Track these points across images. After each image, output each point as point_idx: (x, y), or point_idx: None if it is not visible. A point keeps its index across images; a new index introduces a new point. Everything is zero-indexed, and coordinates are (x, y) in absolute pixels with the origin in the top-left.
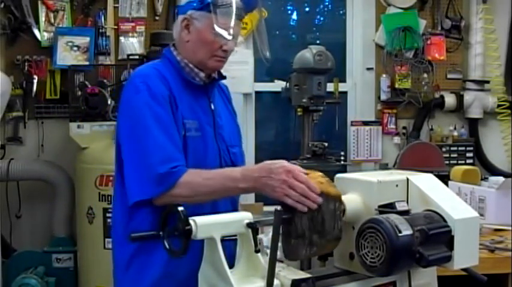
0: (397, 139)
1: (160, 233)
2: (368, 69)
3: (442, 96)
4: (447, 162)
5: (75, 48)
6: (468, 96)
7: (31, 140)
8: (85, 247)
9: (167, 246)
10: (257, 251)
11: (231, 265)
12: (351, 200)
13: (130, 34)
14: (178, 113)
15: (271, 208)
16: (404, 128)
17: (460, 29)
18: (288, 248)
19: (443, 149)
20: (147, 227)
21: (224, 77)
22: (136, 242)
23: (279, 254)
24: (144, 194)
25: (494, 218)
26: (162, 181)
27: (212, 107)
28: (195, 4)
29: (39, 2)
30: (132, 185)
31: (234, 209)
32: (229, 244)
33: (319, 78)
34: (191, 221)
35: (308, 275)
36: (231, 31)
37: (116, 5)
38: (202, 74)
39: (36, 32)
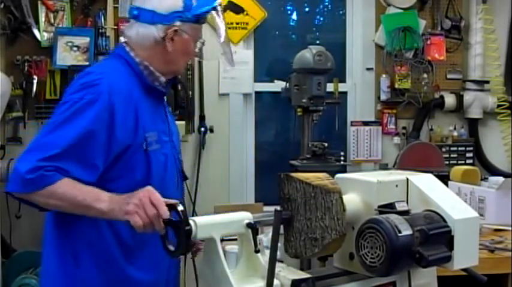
0: (396, 139)
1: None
2: (368, 69)
3: (441, 97)
4: (447, 162)
5: (75, 49)
6: (468, 97)
7: (31, 140)
8: None
9: (167, 246)
10: (257, 252)
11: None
12: (351, 200)
13: None
14: (139, 125)
15: (271, 208)
16: (404, 128)
17: (459, 29)
18: (289, 247)
19: (443, 149)
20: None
21: (176, 82)
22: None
23: (279, 254)
24: (12, 188)
25: (494, 219)
26: (30, 182)
27: (167, 113)
28: (187, 15)
29: (39, 2)
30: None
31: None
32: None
33: (319, 79)
34: (191, 221)
35: (308, 276)
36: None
37: (116, 5)
38: (162, 79)
39: (36, 32)
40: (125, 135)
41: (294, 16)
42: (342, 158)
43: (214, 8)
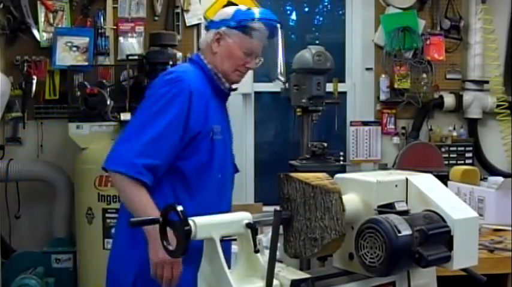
0: (396, 139)
1: (160, 218)
2: (367, 69)
3: (441, 97)
4: (446, 162)
5: (75, 49)
6: (467, 97)
7: (30, 140)
8: (84, 247)
9: (166, 246)
10: (256, 252)
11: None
12: (350, 201)
13: (129, 34)
14: (209, 117)
15: (271, 208)
16: (403, 128)
17: (459, 29)
18: (289, 247)
19: (443, 149)
20: None
21: (235, 89)
22: (135, 227)
23: (279, 254)
24: (115, 165)
25: (494, 218)
26: (133, 168)
27: (227, 114)
28: (231, 23)
29: (39, 3)
30: (114, 153)
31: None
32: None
33: (319, 79)
34: (190, 222)
35: (307, 276)
36: (257, 52)
37: (115, 5)
38: (227, 84)
39: (35, 32)
40: (197, 123)
41: (294, 16)
42: (342, 158)
43: (260, 25)
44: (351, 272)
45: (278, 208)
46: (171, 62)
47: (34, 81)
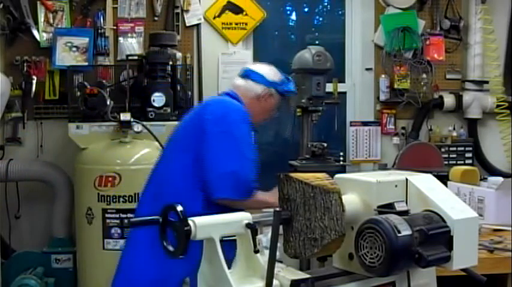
0: (396, 139)
1: (159, 219)
2: (367, 69)
3: (441, 97)
4: (446, 162)
5: (74, 49)
6: (467, 97)
7: (30, 140)
8: (84, 247)
9: (166, 247)
10: (256, 252)
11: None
12: (350, 201)
13: (129, 35)
14: None
15: (270, 208)
16: (403, 128)
17: (459, 30)
18: (289, 247)
19: (443, 150)
20: None
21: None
22: (136, 227)
23: (278, 254)
24: (227, 194)
25: (494, 219)
26: (247, 189)
27: None
28: (280, 88)
29: (38, 3)
30: (217, 183)
31: None
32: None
33: (318, 79)
34: (190, 222)
35: (307, 276)
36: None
37: (115, 6)
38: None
39: (35, 32)
40: None
41: (293, 16)
42: (341, 158)
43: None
44: (351, 273)
45: (278, 208)
46: (170, 63)
47: (34, 82)
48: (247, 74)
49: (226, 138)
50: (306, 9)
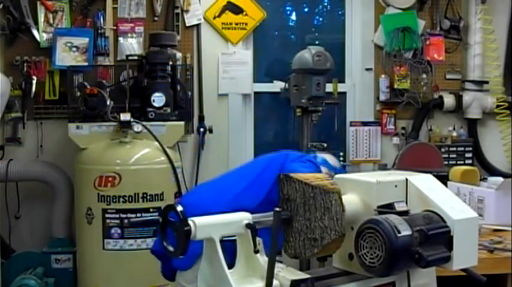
0: (396, 140)
1: (159, 218)
2: (367, 69)
3: (441, 97)
4: (446, 162)
5: (74, 49)
6: (467, 97)
7: (30, 140)
8: (84, 247)
9: (166, 247)
10: (256, 252)
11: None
12: (350, 201)
13: (129, 35)
14: None
15: None
16: (403, 128)
17: (459, 30)
18: (289, 247)
19: (442, 150)
20: None
21: None
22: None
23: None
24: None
25: (494, 219)
26: None
27: None
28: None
29: (38, 3)
30: None
31: None
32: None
33: (318, 79)
34: (190, 222)
35: (307, 276)
36: None
37: (115, 6)
38: None
39: (35, 32)
40: None
41: (293, 16)
42: (341, 158)
43: None
44: (351, 273)
45: (278, 208)
46: (170, 63)
47: (34, 82)
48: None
49: None
50: (306, 9)
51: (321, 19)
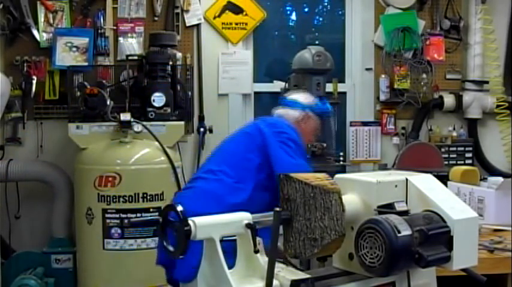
0: (396, 139)
1: (159, 218)
2: (367, 69)
3: (441, 97)
4: (446, 162)
5: (74, 49)
6: (467, 97)
7: (30, 140)
8: (84, 247)
9: (166, 247)
10: (256, 252)
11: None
12: (350, 201)
13: (129, 35)
14: None
15: None
16: (403, 128)
17: (459, 30)
18: (289, 247)
19: (443, 150)
20: None
21: None
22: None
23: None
24: None
25: (494, 219)
26: None
27: None
28: (316, 110)
29: (38, 3)
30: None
31: None
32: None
33: (318, 79)
34: (190, 222)
35: (307, 276)
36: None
37: (115, 6)
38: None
39: (35, 32)
40: None
41: (293, 16)
42: (341, 158)
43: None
44: (351, 273)
45: (278, 208)
46: (170, 63)
47: (34, 82)
48: (282, 103)
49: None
50: (306, 9)
51: (321, 19)
